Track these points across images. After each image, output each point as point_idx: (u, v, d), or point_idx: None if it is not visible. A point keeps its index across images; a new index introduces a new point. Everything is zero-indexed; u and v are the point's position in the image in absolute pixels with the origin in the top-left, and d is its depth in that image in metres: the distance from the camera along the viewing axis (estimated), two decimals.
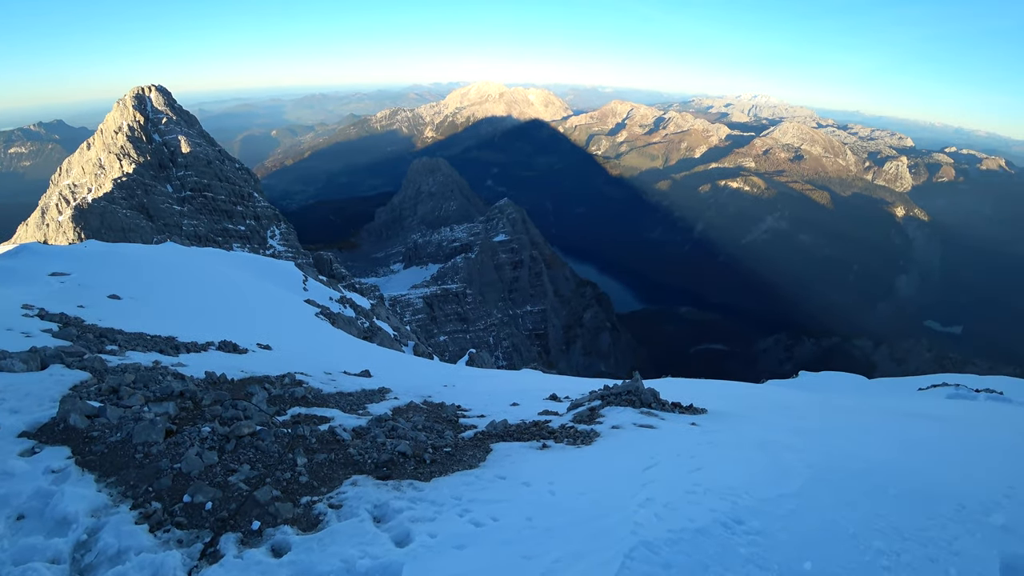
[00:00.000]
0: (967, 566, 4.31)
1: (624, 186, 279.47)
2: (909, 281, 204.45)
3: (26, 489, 4.58)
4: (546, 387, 14.02)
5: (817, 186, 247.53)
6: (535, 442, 7.37)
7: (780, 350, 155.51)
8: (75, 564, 3.93)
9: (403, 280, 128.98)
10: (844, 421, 9.88)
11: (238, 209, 76.03)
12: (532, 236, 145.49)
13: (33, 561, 3.80)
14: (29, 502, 4.45)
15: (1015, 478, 6.10)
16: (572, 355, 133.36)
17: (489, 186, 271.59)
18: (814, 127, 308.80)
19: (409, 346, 43.66)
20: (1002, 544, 4.67)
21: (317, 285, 37.96)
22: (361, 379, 13.01)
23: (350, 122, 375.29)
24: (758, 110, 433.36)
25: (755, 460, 6.37)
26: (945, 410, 11.65)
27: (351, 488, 5.37)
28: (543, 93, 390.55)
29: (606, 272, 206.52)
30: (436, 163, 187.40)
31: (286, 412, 7.86)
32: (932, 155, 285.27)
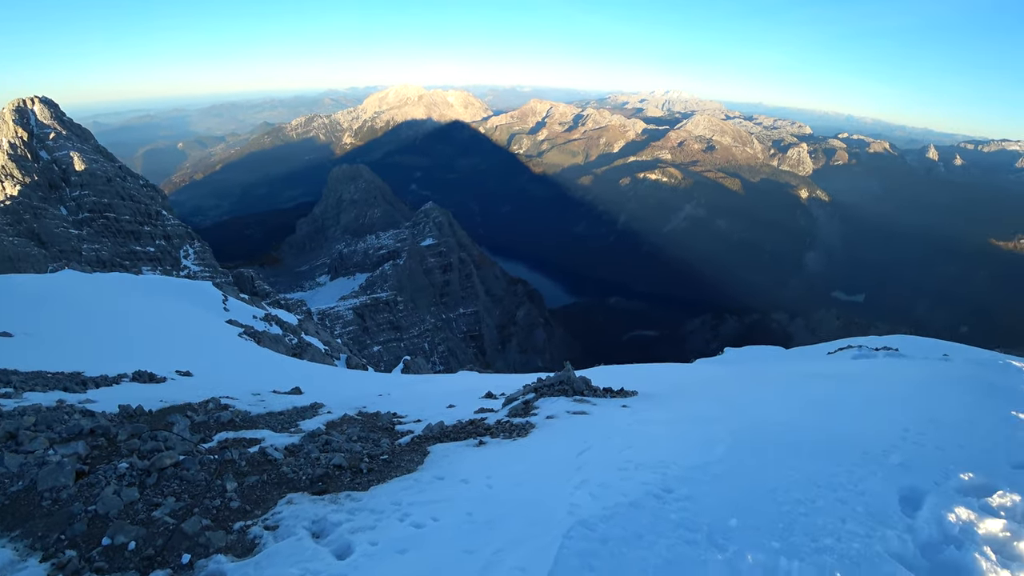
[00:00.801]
0: (871, 502, 4.81)
1: (547, 183, 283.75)
2: (816, 257, 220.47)
3: None
4: (482, 386, 14.10)
5: (729, 174, 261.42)
6: (472, 440, 7.44)
7: (706, 330, 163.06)
8: None
9: (330, 292, 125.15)
10: (762, 389, 10.55)
11: (145, 229, 71.05)
12: (460, 238, 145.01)
13: None
14: None
15: (908, 422, 6.79)
16: (508, 353, 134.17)
17: (413, 190, 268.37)
18: (723, 119, 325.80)
19: (342, 359, 42.55)
20: (899, 479, 5.24)
21: (239, 304, 36.25)
22: (292, 397, 12.63)
23: (263, 131, 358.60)
24: (671, 105, 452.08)
25: (682, 433, 6.72)
26: (850, 369, 12.67)
27: (286, 507, 5.24)
28: (462, 94, 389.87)
29: (536, 269, 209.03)
30: (357, 170, 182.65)
31: (212, 438, 7.55)
32: (828, 141, 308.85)
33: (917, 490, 5.03)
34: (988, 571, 3.92)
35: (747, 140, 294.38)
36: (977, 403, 7.70)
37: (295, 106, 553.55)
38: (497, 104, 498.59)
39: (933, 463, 5.56)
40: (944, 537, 4.36)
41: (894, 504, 4.82)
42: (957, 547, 4.21)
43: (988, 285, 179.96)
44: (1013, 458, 5.72)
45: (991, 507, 4.76)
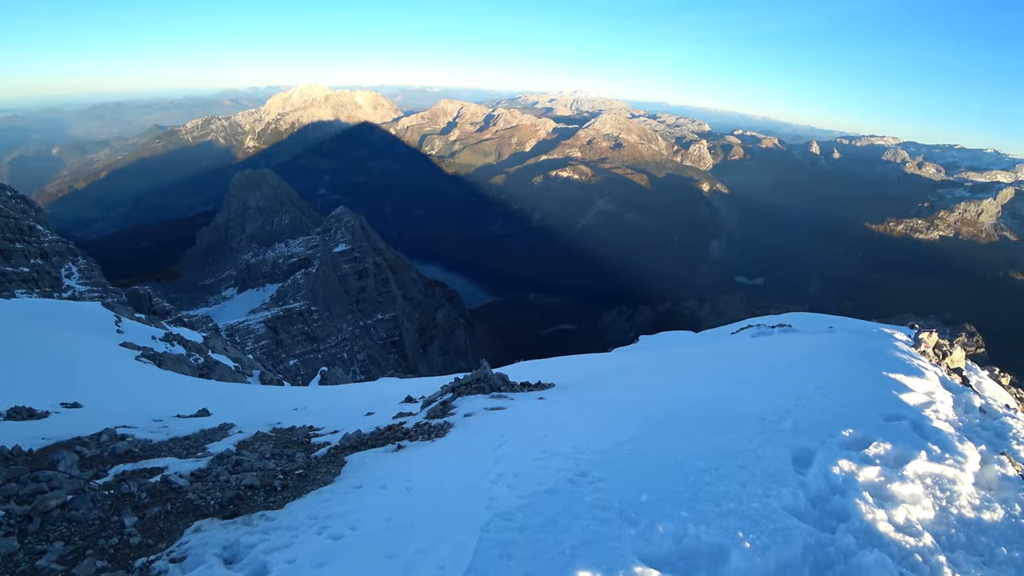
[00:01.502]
0: (768, 465, 5.19)
1: (461, 183, 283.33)
2: (719, 245, 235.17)
3: None
4: (402, 392, 13.96)
5: (636, 170, 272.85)
6: (390, 445, 7.35)
7: (623, 320, 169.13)
8: None
9: (239, 306, 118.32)
10: (671, 370, 11.10)
11: (16, 247, 63.77)
12: (374, 242, 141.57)
13: None
14: None
15: (799, 389, 7.39)
16: (431, 357, 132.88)
17: (323, 195, 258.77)
18: (629, 117, 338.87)
19: (255, 376, 40.47)
20: (792, 442, 5.70)
21: (134, 325, 33.53)
22: (199, 419, 11.99)
23: (154, 134, 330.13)
24: (579, 104, 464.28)
25: (596, 419, 6.92)
26: (749, 346, 13.61)
27: (194, 536, 4.98)
28: (371, 95, 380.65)
29: (453, 270, 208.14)
30: (262, 175, 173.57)
31: (107, 472, 7.00)
32: (725, 137, 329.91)
33: (807, 450, 5.50)
34: (867, 513, 4.34)
35: (652, 137, 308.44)
36: (855, 367, 8.50)
37: (189, 107, 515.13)
38: (407, 105, 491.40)
39: (820, 424, 6.08)
40: (830, 488, 4.79)
41: (788, 464, 5.23)
42: (841, 495, 4.64)
43: (865, 264, 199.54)
44: (884, 412, 6.41)
45: (868, 457, 5.29)
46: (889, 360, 8.87)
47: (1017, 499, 4.92)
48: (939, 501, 4.73)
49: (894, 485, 4.81)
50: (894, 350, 9.85)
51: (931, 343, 11.32)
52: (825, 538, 4.12)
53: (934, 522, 4.46)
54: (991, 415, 7.48)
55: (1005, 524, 4.55)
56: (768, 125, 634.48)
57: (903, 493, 4.73)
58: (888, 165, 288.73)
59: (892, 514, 4.38)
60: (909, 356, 9.51)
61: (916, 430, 5.96)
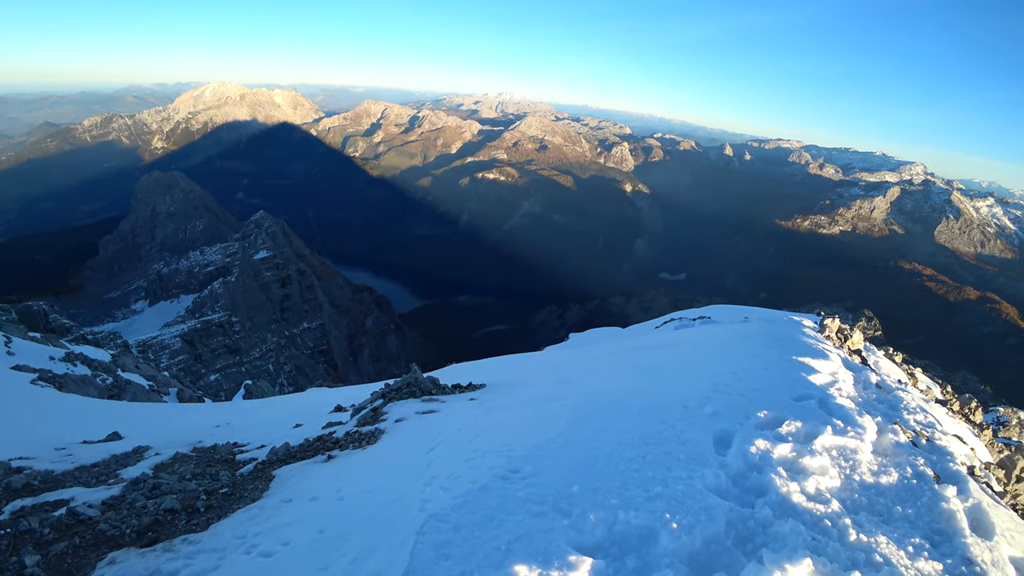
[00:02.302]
0: (691, 449, 5.42)
1: (386, 186, 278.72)
2: (643, 243, 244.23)
3: None
4: (332, 401, 13.58)
5: (561, 171, 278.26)
6: (320, 456, 7.16)
7: (553, 319, 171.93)
8: None
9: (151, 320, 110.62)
10: (598, 365, 11.40)
11: None
12: (297, 248, 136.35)
13: None
14: None
15: (717, 376, 7.78)
16: (361, 364, 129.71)
17: (240, 199, 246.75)
18: (553, 120, 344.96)
19: (172, 394, 37.81)
20: (713, 425, 5.98)
21: (28, 345, 30.53)
22: (109, 444, 11.13)
23: (45, 132, 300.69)
24: (504, 106, 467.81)
25: (527, 416, 7.01)
26: (672, 338, 14.19)
27: (108, 568, 4.69)
28: (290, 94, 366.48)
29: (381, 274, 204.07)
30: (172, 178, 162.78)
31: (2, 510, 6.39)
32: (645, 140, 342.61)
33: (727, 432, 5.81)
34: (781, 486, 4.64)
35: (576, 140, 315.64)
36: (767, 353, 9.06)
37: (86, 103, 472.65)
38: (329, 105, 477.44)
39: (737, 407, 6.43)
40: (748, 466, 5.08)
41: (709, 447, 5.50)
42: (759, 472, 4.93)
43: (776, 257, 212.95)
44: (794, 392, 6.87)
45: (781, 435, 5.66)
46: (798, 345, 9.52)
47: (908, 462, 5.40)
48: (844, 470, 5.12)
49: (805, 459, 5.17)
50: (802, 336, 10.59)
51: (834, 328, 12.24)
52: (745, 513, 4.35)
53: (840, 489, 4.82)
54: (886, 390, 8.18)
55: (899, 486, 4.99)
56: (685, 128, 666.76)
57: (813, 466, 5.09)
58: (794, 166, 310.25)
59: (804, 485, 4.70)
60: (815, 341, 10.25)
61: (822, 407, 6.43)
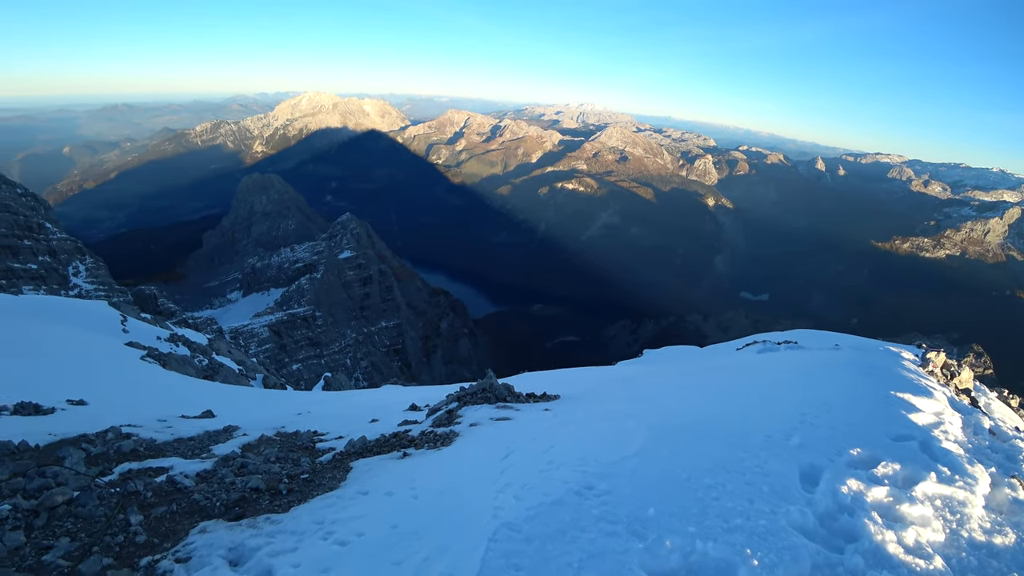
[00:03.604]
0: (775, 481, 5.16)
1: (466, 193, 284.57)
2: (724, 260, 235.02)
3: None
4: (406, 399, 13.91)
5: (641, 183, 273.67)
6: (396, 453, 7.29)
7: (626, 334, 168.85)
8: None
9: (243, 309, 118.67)
10: (676, 384, 11.05)
11: (25, 244, 64.21)
12: (379, 250, 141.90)
13: None
14: None
15: (805, 406, 7.35)
16: (433, 365, 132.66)
17: (329, 201, 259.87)
18: (634, 131, 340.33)
19: (258, 379, 40.42)
20: (799, 459, 5.66)
21: (140, 325, 33.59)
22: (203, 421, 11.93)
23: (164, 137, 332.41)
24: (585, 117, 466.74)
25: (601, 432, 6.90)
26: (754, 362, 13.53)
27: (199, 536, 4.93)
28: (379, 103, 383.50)
29: (457, 279, 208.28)
30: (269, 180, 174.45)
31: (113, 471, 6.96)
32: (730, 152, 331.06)
33: (815, 467, 5.47)
34: (876, 533, 4.31)
35: (658, 151, 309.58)
36: (861, 385, 8.46)
37: (199, 111, 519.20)
38: (415, 114, 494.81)
39: (827, 442, 6.05)
40: (838, 507, 4.76)
41: (795, 481, 5.20)
42: (850, 515, 4.61)
43: (870, 281, 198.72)
44: (892, 431, 6.37)
45: (876, 476, 5.26)
46: (897, 379, 8.83)
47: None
48: (949, 524, 4.69)
49: (903, 506, 4.78)
50: (901, 369, 9.81)
51: (939, 363, 11.26)
52: (833, 558, 4.09)
53: (944, 545, 4.43)
54: (1001, 437, 7.43)
55: (1017, 549, 4.51)
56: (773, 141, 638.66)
57: (913, 514, 4.70)
58: (893, 183, 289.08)
59: (902, 536, 4.35)
60: (917, 376, 9.46)
61: (925, 451, 5.93)
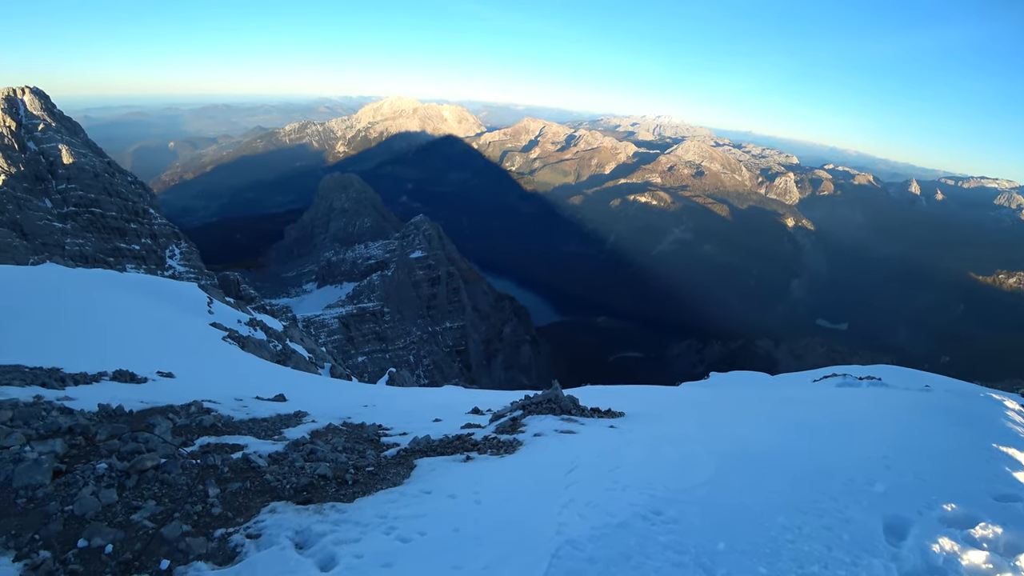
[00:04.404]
0: (857, 530, 4.84)
1: (538, 201, 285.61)
2: (801, 284, 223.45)
3: None
4: (468, 402, 14.02)
5: (717, 199, 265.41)
6: (459, 455, 7.34)
7: (692, 354, 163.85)
8: None
9: (317, 300, 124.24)
10: (747, 412, 10.60)
11: (131, 227, 70.14)
12: (448, 252, 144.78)
13: None
14: None
15: (891, 451, 6.87)
16: (494, 369, 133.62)
17: (403, 202, 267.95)
18: (712, 146, 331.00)
19: (326, 368, 42.03)
20: (884, 508, 5.29)
21: (223, 307, 35.75)
22: (275, 404, 12.45)
23: (256, 135, 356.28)
24: (662, 129, 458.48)
25: (669, 455, 6.73)
26: (834, 397, 12.78)
27: (269, 516, 5.10)
28: (457, 109, 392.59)
29: (523, 286, 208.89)
30: (348, 179, 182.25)
31: (194, 442, 7.38)
32: (814, 171, 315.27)
33: (902, 519, 5.09)
34: None
35: (736, 167, 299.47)
36: (958, 435, 7.81)
37: (288, 112, 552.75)
38: (491, 121, 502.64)
39: (917, 493, 5.63)
40: (928, 567, 4.41)
41: (879, 533, 4.87)
42: None
43: (967, 317, 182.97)
44: (994, 490, 5.82)
45: (974, 539, 4.83)
46: (999, 430, 8.10)
47: None
48: None
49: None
50: (1005, 419, 8.98)
51: None
52: None
53: None
54: None
55: None
56: (862, 161, 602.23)
57: None
58: (1000, 210, 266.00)
59: None
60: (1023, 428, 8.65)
61: None
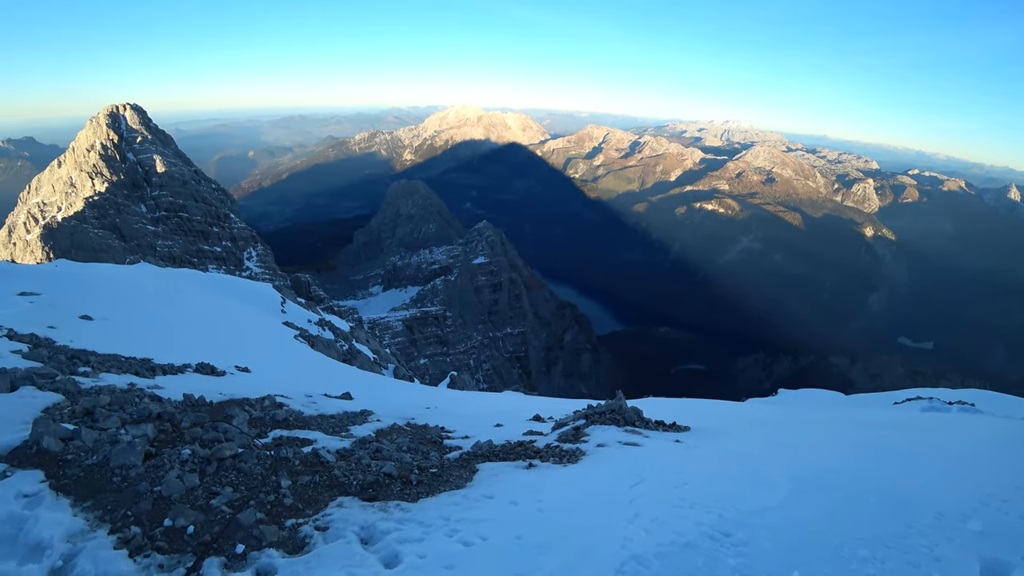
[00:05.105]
0: (948, 570, 4.40)
1: (601, 208, 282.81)
2: (880, 298, 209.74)
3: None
4: (529, 408, 14.00)
5: (789, 207, 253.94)
6: (521, 461, 7.32)
7: (758, 369, 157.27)
8: None
9: (382, 303, 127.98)
10: (822, 434, 10.01)
11: (214, 230, 74.92)
12: (511, 258, 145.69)
13: None
14: (1, 527, 4.28)
15: (990, 486, 6.24)
16: (553, 377, 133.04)
17: (468, 209, 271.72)
18: (784, 151, 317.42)
19: (389, 369, 43.18)
20: (981, 549, 4.77)
21: (295, 307, 37.48)
22: (342, 402, 12.86)
23: (328, 144, 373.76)
24: (730, 135, 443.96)
25: (738, 474, 6.45)
26: (920, 422, 11.87)
27: (337, 510, 5.26)
28: (521, 117, 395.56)
29: (585, 294, 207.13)
30: (414, 185, 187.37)
31: (267, 435, 7.73)
32: (897, 177, 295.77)
33: (1001, 563, 4.59)
34: None
35: (809, 173, 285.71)
36: None
37: (359, 122, 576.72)
38: (555, 128, 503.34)
39: (1020, 534, 5.09)
40: None
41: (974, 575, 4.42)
42: None
43: None
44: None
45: None
46: None
47: None
48: None
49: None
50: None
51: None
52: None
53: None
54: None
55: None
56: (952, 165, 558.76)
57: None
58: None
59: None
60: None
61: None
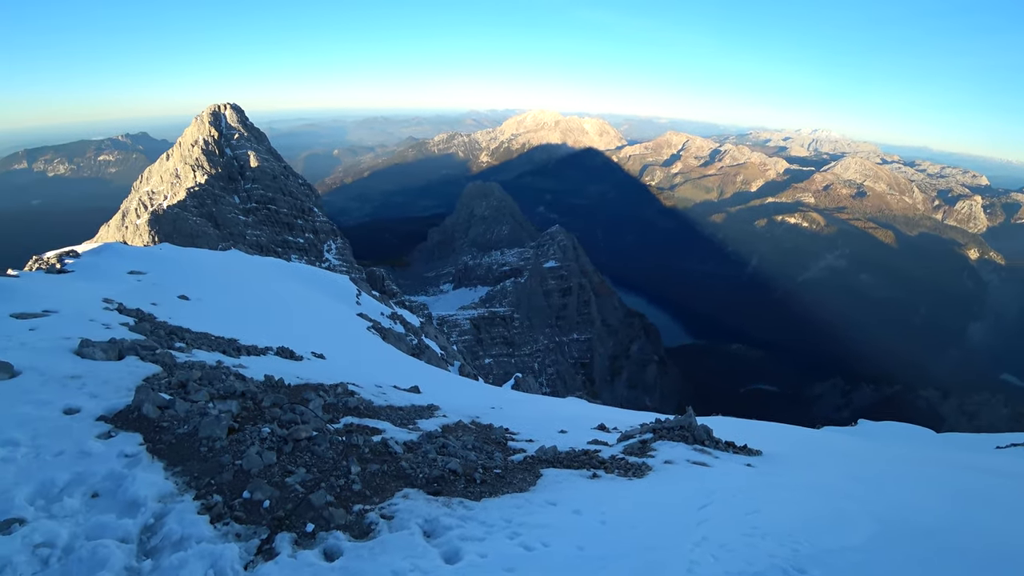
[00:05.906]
0: None
1: (677, 217, 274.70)
2: (982, 328, 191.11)
3: (101, 470, 4.88)
4: (593, 416, 13.81)
5: (881, 224, 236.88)
6: (585, 471, 7.21)
7: (836, 395, 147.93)
8: (141, 545, 4.10)
9: (452, 300, 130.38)
10: (910, 472, 9.25)
11: (298, 222, 79.29)
12: (582, 264, 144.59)
13: (104, 538, 4.00)
14: (103, 482, 4.73)
15: None
16: (616, 387, 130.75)
17: (541, 212, 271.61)
18: (878, 163, 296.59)
19: (455, 366, 43.85)
20: None
21: (369, 300, 38.81)
22: (411, 395, 13.14)
23: (408, 144, 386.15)
24: (818, 144, 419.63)
25: (815, 506, 6.07)
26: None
27: (402, 501, 5.37)
28: (598, 122, 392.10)
29: (655, 304, 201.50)
30: (489, 187, 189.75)
31: (339, 420, 8.00)
32: (1010, 195, 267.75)
33: None
34: None
35: (906, 188, 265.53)
36: None
37: (438, 124, 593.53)
38: (632, 134, 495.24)
39: None
40: None
41: None
42: None
43: None
44: None
45: None
46: None
47: None
48: None
49: None
50: None
51: None
52: None
53: None
54: None
55: None
56: None
57: None
58: None
59: None
60: None
61: None
